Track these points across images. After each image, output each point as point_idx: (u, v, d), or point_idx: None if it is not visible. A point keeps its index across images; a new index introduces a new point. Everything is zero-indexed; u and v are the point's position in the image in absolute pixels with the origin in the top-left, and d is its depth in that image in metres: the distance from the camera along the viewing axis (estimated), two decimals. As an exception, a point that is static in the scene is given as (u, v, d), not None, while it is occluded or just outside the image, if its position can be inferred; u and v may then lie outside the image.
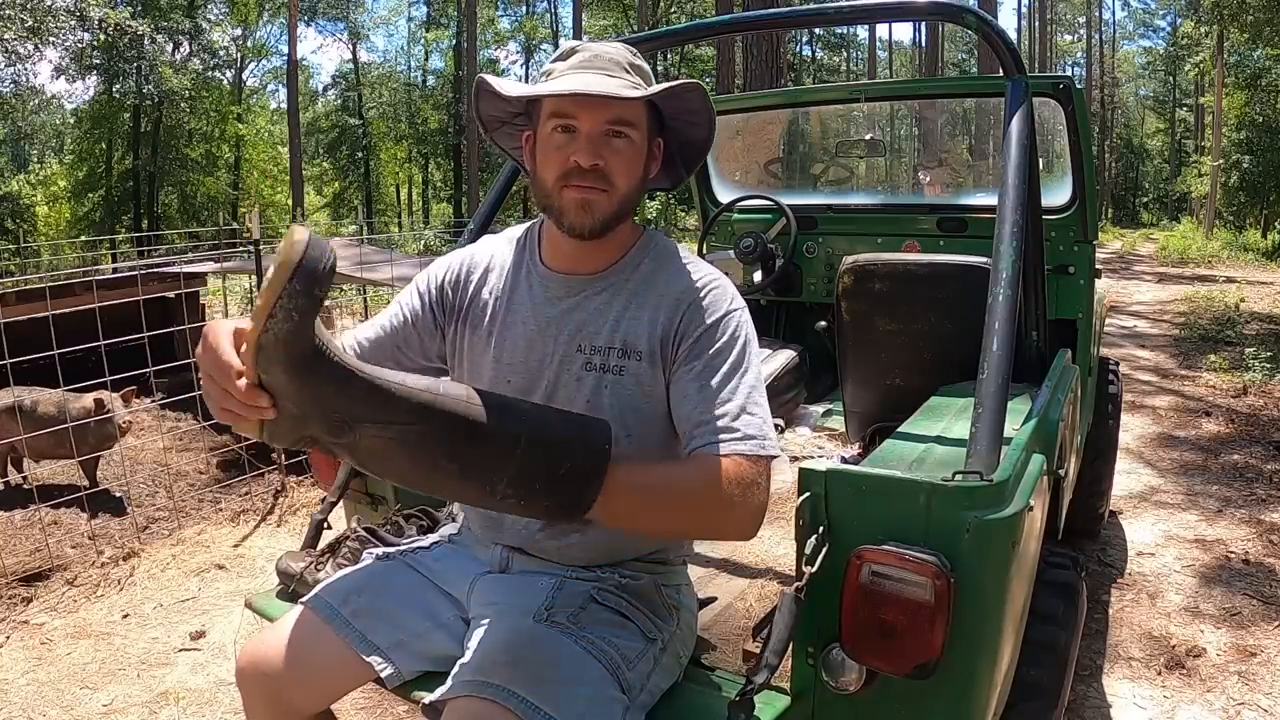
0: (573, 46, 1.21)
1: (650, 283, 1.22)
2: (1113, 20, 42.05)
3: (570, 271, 1.25)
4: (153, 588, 3.03)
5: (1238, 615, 2.73)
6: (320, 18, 30.23)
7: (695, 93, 1.18)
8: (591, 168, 1.14)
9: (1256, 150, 18.84)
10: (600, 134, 1.15)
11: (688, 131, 1.25)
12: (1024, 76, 1.53)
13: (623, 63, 1.18)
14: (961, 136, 3.84)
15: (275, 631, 1.28)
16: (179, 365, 4.81)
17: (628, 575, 1.27)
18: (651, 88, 1.16)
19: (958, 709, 1.14)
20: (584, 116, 1.14)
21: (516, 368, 1.25)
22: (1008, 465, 1.18)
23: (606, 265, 1.24)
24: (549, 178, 1.17)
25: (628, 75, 1.17)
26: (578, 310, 1.23)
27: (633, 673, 1.16)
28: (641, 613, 1.24)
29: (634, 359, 1.19)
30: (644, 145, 1.19)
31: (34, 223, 22.94)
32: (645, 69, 1.21)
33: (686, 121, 1.24)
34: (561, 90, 1.12)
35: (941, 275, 2.06)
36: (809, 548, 1.14)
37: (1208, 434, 4.72)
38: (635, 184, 1.19)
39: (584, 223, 1.16)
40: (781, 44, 9.07)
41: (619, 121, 1.15)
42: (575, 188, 1.15)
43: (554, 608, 1.19)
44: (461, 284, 1.32)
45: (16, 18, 17.12)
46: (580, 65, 1.17)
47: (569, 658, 1.12)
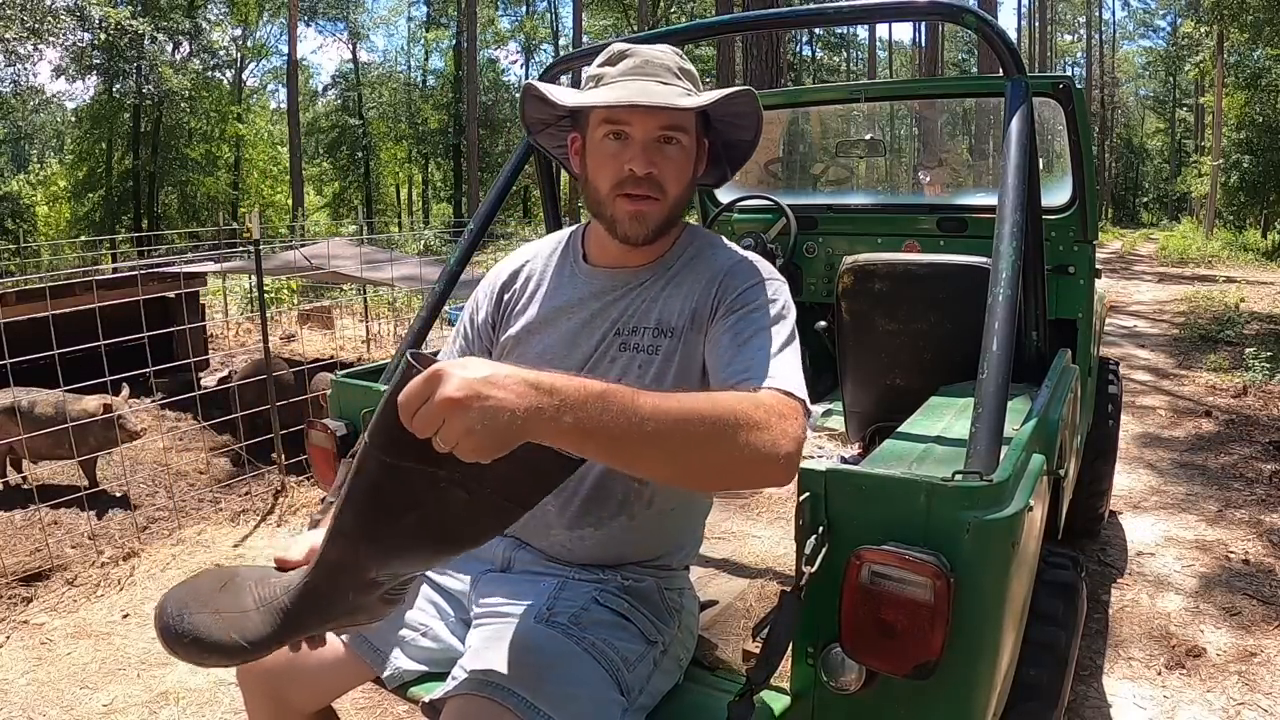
0: (622, 50, 1.22)
1: (690, 266, 1.25)
2: (1113, 20, 42.09)
3: (615, 266, 1.28)
4: (153, 588, 3.02)
5: (1238, 615, 2.73)
6: (320, 18, 30.24)
7: (746, 97, 1.20)
8: (646, 175, 1.15)
9: (1256, 150, 18.83)
10: (653, 141, 1.16)
11: (733, 132, 1.27)
12: (1024, 76, 1.53)
13: (673, 67, 1.19)
14: (961, 136, 3.84)
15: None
16: (179, 365, 4.83)
17: (630, 577, 1.26)
18: (705, 96, 1.17)
19: (958, 709, 1.14)
20: (637, 124, 1.15)
21: (557, 364, 1.25)
22: (1008, 465, 1.18)
23: (652, 259, 1.26)
24: (603, 185, 1.19)
25: (679, 81, 1.19)
26: (620, 301, 1.25)
27: (632, 675, 1.16)
28: (643, 615, 1.24)
29: (668, 337, 1.21)
30: (693, 148, 1.21)
31: (34, 223, 22.93)
32: (693, 71, 1.22)
33: (733, 123, 1.25)
34: (617, 101, 1.13)
35: (941, 275, 2.06)
36: (809, 548, 1.14)
37: (1208, 434, 4.72)
38: (685, 188, 1.22)
39: (637, 234, 1.19)
40: (781, 44, 9.07)
41: (671, 128, 1.16)
42: (628, 197, 1.17)
43: (555, 609, 1.19)
44: (507, 291, 1.36)
45: (16, 18, 17.12)
46: (632, 71, 1.18)
47: (569, 659, 1.11)
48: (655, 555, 1.30)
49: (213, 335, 7.88)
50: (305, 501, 3.77)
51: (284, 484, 3.90)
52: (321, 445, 1.81)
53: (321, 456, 1.83)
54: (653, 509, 1.26)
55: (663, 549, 1.31)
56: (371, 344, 7.70)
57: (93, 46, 21.70)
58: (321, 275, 5.85)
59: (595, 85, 1.20)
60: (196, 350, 5.91)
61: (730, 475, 0.97)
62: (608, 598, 1.23)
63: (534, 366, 1.22)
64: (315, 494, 3.79)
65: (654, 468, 0.91)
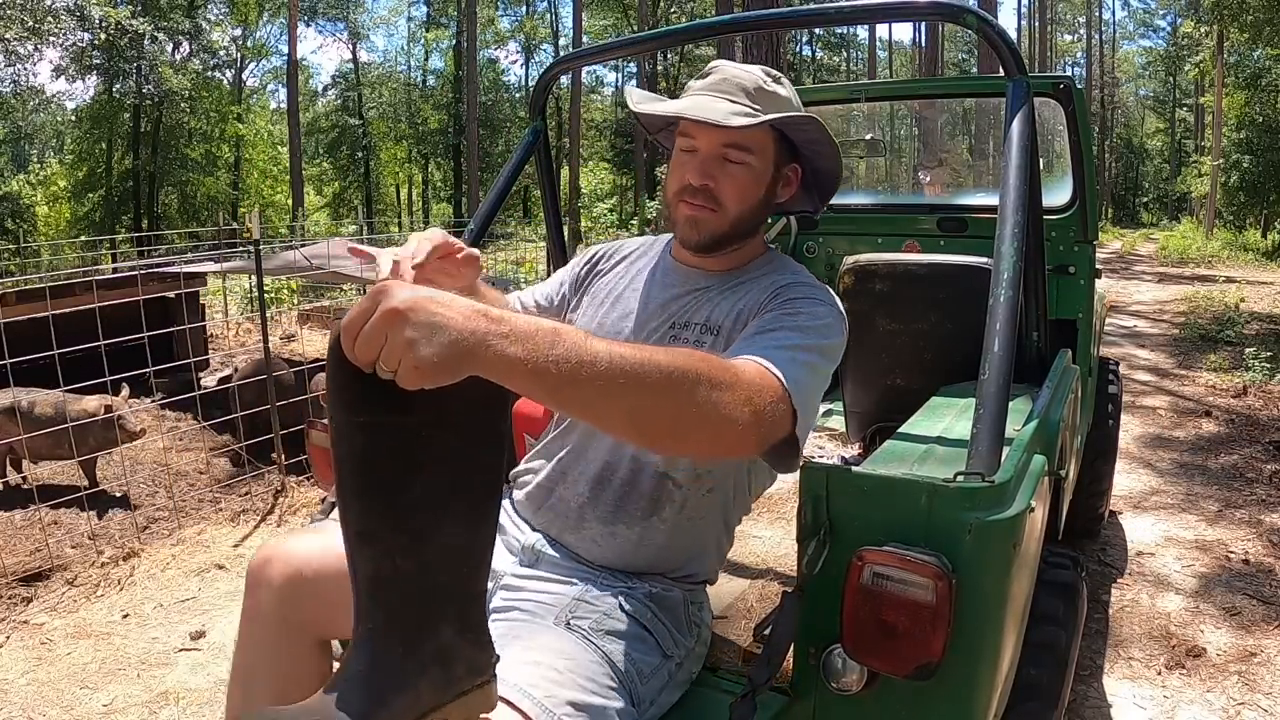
0: (714, 66, 1.27)
1: (755, 277, 1.29)
2: (1113, 20, 42.10)
3: (693, 265, 1.33)
4: (153, 588, 3.02)
5: (1238, 615, 2.73)
6: (320, 18, 30.24)
7: (811, 125, 1.23)
8: (701, 187, 1.21)
9: (1256, 150, 18.83)
10: (715, 156, 1.21)
11: (818, 160, 1.31)
12: (1025, 76, 1.52)
13: (749, 88, 1.21)
14: (961, 136, 3.84)
15: (306, 539, 1.26)
16: (179, 365, 4.83)
17: (658, 586, 1.27)
18: (757, 116, 1.18)
19: (958, 710, 1.14)
20: (701, 138, 1.21)
21: (606, 333, 1.31)
22: (1009, 466, 1.18)
23: (726, 268, 1.32)
24: (670, 189, 1.27)
25: (748, 102, 1.20)
26: (685, 296, 1.31)
27: (645, 687, 1.16)
28: (664, 626, 1.23)
29: (712, 334, 1.25)
30: (766, 170, 1.24)
31: (34, 223, 22.93)
32: (780, 94, 1.24)
33: (815, 151, 1.29)
34: (671, 110, 1.23)
35: (942, 275, 2.06)
36: (810, 548, 1.14)
37: (1207, 434, 4.72)
38: (750, 207, 1.24)
39: (691, 238, 1.25)
40: (781, 44, 9.07)
41: (735, 146, 1.20)
42: (686, 203, 1.23)
43: (578, 613, 1.18)
44: (599, 263, 1.45)
45: (16, 18, 17.12)
46: (706, 87, 1.24)
47: (586, 665, 1.11)
48: (682, 564, 1.30)
49: (213, 335, 7.87)
50: (305, 501, 3.77)
51: (284, 484, 3.90)
52: (322, 445, 1.81)
53: (322, 456, 1.83)
54: (684, 514, 1.26)
55: (690, 558, 1.30)
56: (371, 344, 7.68)
57: (93, 46, 21.69)
58: (321, 275, 5.84)
59: (683, 94, 1.27)
60: (196, 350, 5.91)
61: (686, 433, 0.91)
62: (633, 604, 1.22)
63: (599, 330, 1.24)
64: (315, 494, 3.79)
65: (605, 416, 0.86)
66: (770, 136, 1.22)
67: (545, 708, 1.02)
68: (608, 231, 18.27)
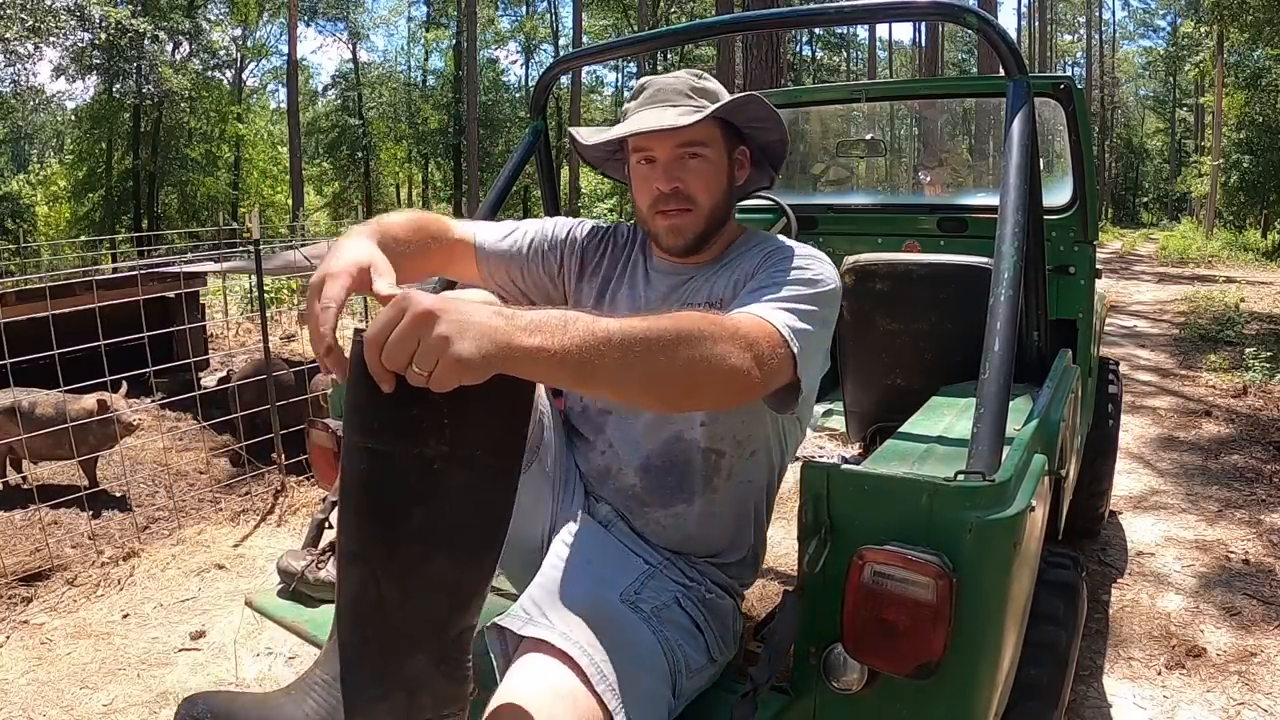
0: (642, 84, 1.35)
1: (745, 253, 1.35)
2: (1113, 20, 42.11)
3: (680, 259, 1.37)
4: (153, 588, 3.02)
5: (1238, 615, 2.73)
6: (320, 18, 30.22)
7: (752, 103, 1.29)
8: (672, 191, 1.27)
9: (1256, 150, 18.84)
10: (675, 159, 1.28)
11: (762, 135, 1.37)
12: (1025, 76, 1.52)
13: (684, 90, 1.30)
14: (962, 136, 3.84)
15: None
16: (179, 365, 4.83)
17: (713, 593, 1.31)
18: (704, 110, 1.25)
19: (959, 709, 1.14)
20: (657, 147, 1.28)
21: None
22: (1009, 465, 1.18)
23: (713, 258, 1.37)
24: (642, 206, 1.32)
25: (689, 100, 1.29)
26: (680, 288, 1.36)
27: (688, 682, 1.19)
28: (714, 632, 1.27)
29: (715, 309, 1.28)
30: (722, 159, 1.31)
31: (34, 223, 22.91)
32: (710, 88, 1.32)
33: (757, 128, 1.35)
34: (623, 133, 1.28)
35: (942, 275, 2.06)
36: (811, 548, 1.14)
37: (1208, 434, 4.72)
38: (720, 197, 1.31)
39: (675, 244, 1.32)
40: (781, 44, 9.07)
41: (690, 144, 1.27)
42: (663, 213, 1.29)
43: (641, 595, 1.21)
44: (598, 251, 1.46)
45: (16, 17, 17.12)
46: (645, 102, 1.31)
47: (644, 645, 1.14)
48: (735, 537, 1.36)
49: (213, 335, 7.87)
50: (305, 501, 3.77)
51: (284, 484, 3.90)
52: (322, 445, 1.81)
53: (322, 456, 1.83)
54: (733, 480, 1.33)
55: (740, 528, 1.36)
56: (371, 344, 7.68)
57: (93, 46, 21.68)
58: (321, 275, 5.83)
59: (622, 119, 1.32)
60: (196, 350, 5.91)
61: (698, 387, 0.98)
62: (689, 604, 1.26)
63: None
64: (315, 494, 3.79)
65: (624, 385, 0.91)
66: (716, 126, 1.29)
67: (602, 673, 1.04)
68: (608, 231, 18.21)
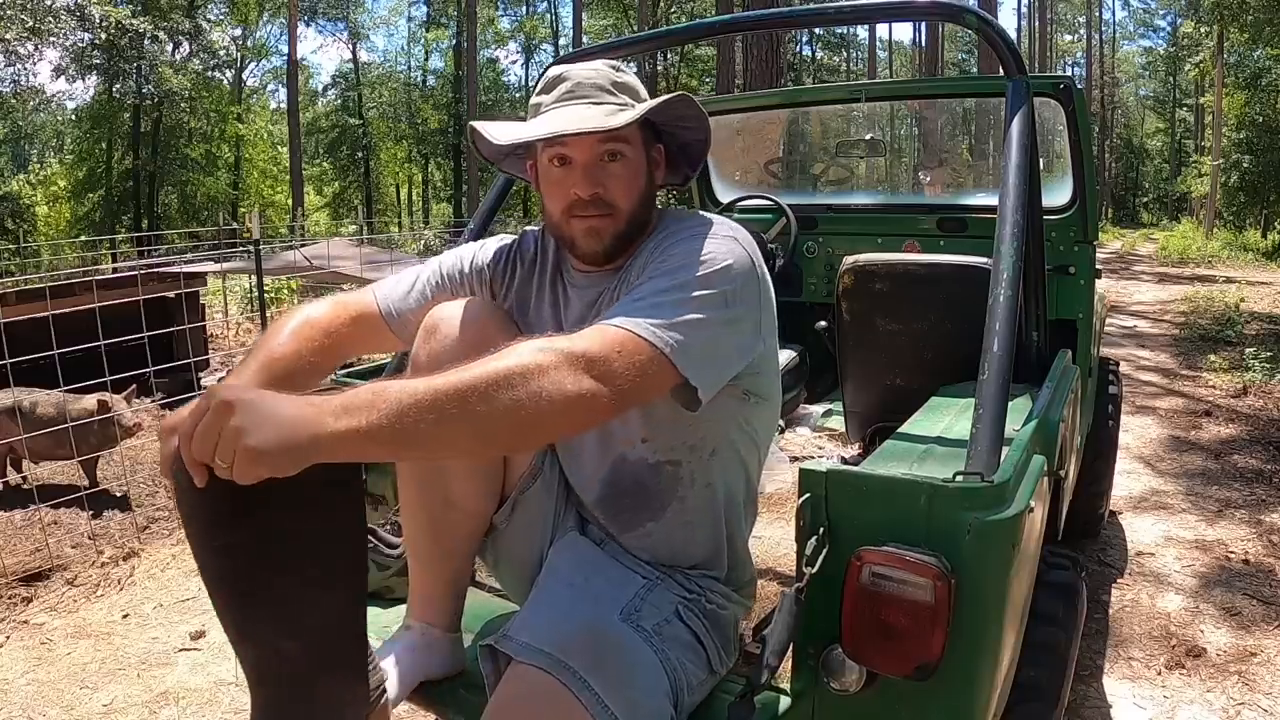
0: (557, 75, 1.22)
1: (644, 250, 1.23)
2: (1113, 20, 42.10)
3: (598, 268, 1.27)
4: (153, 588, 3.02)
5: (1238, 615, 2.73)
6: (320, 18, 30.24)
7: (681, 101, 1.21)
8: (591, 197, 1.17)
9: (1256, 150, 18.85)
10: (595, 161, 1.17)
11: (683, 134, 1.28)
12: (1025, 77, 1.52)
13: (605, 85, 1.20)
14: (961, 136, 3.84)
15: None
16: (179, 365, 4.83)
17: (714, 602, 1.28)
18: (632, 111, 1.16)
19: (958, 710, 1.14)
20: (576, 147, 1.17)
21: None
22: (1009, 466, 1.17)
23: (629, 259, 1.25)
24: (555, 210, 1.21)
25: (612, 97, 1.19)
26: (599, 300, 1.26)
27: (689, 698, 1.18)
28: (715, 643, 1.25)
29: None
30: (641, 159, 1.21)
31: (34, 223, 22.91)
32: (630, 83, 1.23)
33: (680, 126, 1.26)
34: (545, 133, 1.14)
35: (942, 275, 2.05)
36: (809, 548, 1.14)
37: (1208, 434, 4.72)
38: (638, 199, 1.21)
39: (594, 248, 1.21)
40: (781, 44, 9.07)
41: (612, 145, 1.17)
42: (580, 218, 1.19)
43: (641, 611, 1.19)
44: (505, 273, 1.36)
45: (16, 18, 17.11)
46: (563, 98, 1.19)
47: (645, 666, 1.12)
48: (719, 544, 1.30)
49: (213, 335, 7.87)
50: (305, 501, 3.77)
51: (284, 484, 3.90)
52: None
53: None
54: (699, 484, 1.26)
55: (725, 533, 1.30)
56: (371, 344, 7.69)
57: (93, 46, 21.69)
58: (321, 275, 5.85)
59: (535, 114, 1.21)
60: (196, 350, 5.91)
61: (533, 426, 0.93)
62: (690, 615, 1.23)
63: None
64: (315, 494, 3.79)
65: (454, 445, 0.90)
66: (636, 126, 1.18)
67: (598, 697, 1.03)
68: (608, 231, 18.22)
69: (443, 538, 1.21)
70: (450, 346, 1.16)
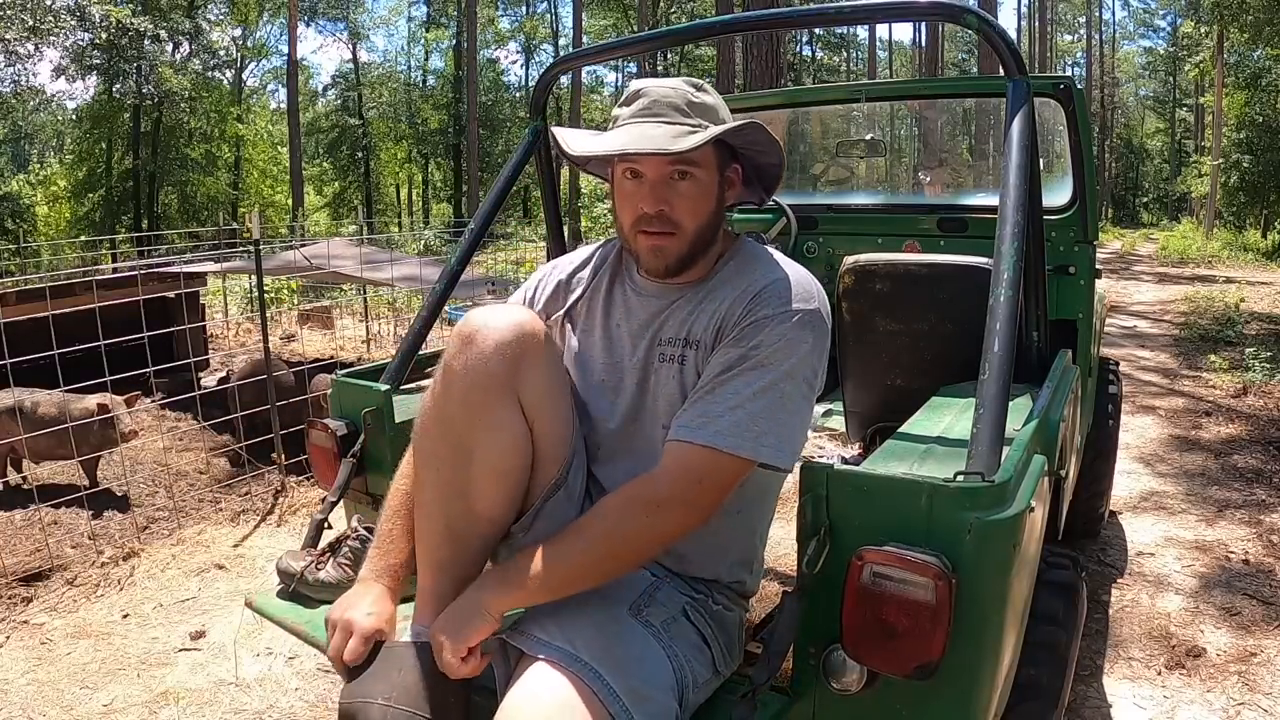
0: (637, 90, 1.26)
1: (728, 280, 1.27)
2: (1113, 20, 42.10)
3: (663, 280, 1.31)
4: (153, 588, 3.02)
5: (1238, 615, 2.73)
6: (320, 18, 30.24)
7: (752, 128, 1.25)
8: (657, 214, 1.22)
9: (1256, 150, 18.84)
10: (664, 179, 1.22)
11: (759, 158, 1.32)
12: (1025, 77, 1.52)
13: (681, 105, 1.23)
14: (961, 136, 3.84)
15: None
16: (179, 365, 4.83)
17: (720, 604, 1.29)
18: (700, 135, 1.19)
19: (959, 709, 1.14)
20: (647, 164, 1.22)
21: (595, 364, 1.34)
22: (1009, 466, 1.18)
23: (698, 278, 1.30)
24: (624, 222, 1.27)
25: (686, 119, 1.22)
26: (664, 313, 1.30)
27: (693, 695, 1.18)
28: (720, 644, 1.26)
29: (693, 348, 1.25)
30: (712, 180, 1.25)
31: (34, 223, 22.91)
32: (708, 104, 1.25)
33: (755, 151, 1.30)
34: (612, 149, 1.20)
35: (942, 275, 2.05)
36: (810, 548, 1.14)
37: (1208, 434, 4.72)
38: (706, 219, 1.25)
39: (657, 266, 1.26)
40: (781, 44, 9.07)
41: (681, 166, 1.21)
42: (645, 234, 1.24)
43: (650, 608, 1.21)
44: (563, 289, 1.42)
45: (17, 17, 17.11)
46: (639, 114, 1.23)
47: (653, 660, 1.13)
48: (734, 558, 1.33)
49: (213, 335, 7.88)
50: (305, 501, 3.77)
51: (284, 484, 3.90)
52: (322, 445, 1.81)
53: (322, 456, 1.83)
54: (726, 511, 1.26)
55: (741, 548, 1.34)
56: (371, 344, 7.70)
57: (93, 46, 21.68)
58: (321, 275, 5.85)
59: (612, 125, 1.26)
60: (196, 350, 5.91)
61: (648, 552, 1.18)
62: (696, 616, 1.25)
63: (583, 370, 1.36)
64: (315, 494, 3.79)
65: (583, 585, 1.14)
66: (710, 147, 1.22)
67: (611, 689, 1.04)
68: (607, 231, 18.23)
69: (460, 543, 1.20)
70: (487, 357, 1.17)
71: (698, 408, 1.16)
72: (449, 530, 1.20)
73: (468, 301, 5.87)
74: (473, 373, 1.16)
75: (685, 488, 1.12)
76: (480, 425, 1.17)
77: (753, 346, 1.17)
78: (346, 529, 1.65)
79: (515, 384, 1.18)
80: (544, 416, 1.21)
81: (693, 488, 1.12)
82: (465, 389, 1.16)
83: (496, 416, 1.17)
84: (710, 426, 1.13)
